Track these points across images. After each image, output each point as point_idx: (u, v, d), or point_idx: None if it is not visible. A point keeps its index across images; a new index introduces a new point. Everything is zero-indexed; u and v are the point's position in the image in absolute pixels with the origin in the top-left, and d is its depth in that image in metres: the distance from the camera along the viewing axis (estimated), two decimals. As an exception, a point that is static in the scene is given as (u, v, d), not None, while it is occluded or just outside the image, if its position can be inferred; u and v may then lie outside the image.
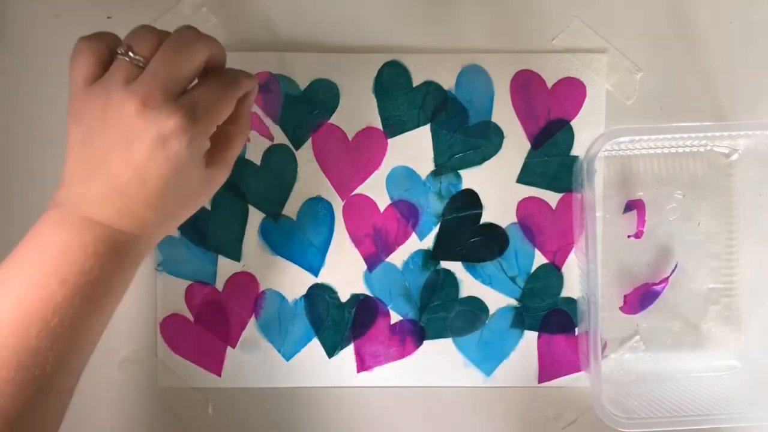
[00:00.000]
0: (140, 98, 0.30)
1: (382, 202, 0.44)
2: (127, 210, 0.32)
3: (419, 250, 0.44)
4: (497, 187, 0.44)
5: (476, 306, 0.44)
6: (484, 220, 0.45)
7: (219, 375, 0.44)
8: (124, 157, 0.31)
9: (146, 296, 0.44)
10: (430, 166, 0.44)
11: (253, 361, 0.44)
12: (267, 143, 0.44)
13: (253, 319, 0.44)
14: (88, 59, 0.32)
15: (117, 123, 0.30)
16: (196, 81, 0.33)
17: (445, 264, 0.45)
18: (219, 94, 0.33)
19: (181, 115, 0.30)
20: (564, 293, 0.45)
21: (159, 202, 0.32)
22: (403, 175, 0.44)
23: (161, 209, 0.33)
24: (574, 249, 0.45)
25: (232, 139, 0.35)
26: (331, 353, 0.44)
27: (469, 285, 0.44)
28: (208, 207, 0.44)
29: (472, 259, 0.44)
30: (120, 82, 0.31)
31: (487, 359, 0.44)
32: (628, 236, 0.45)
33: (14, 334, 0.29)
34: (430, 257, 0.44)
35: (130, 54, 0.31)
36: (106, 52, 0.32)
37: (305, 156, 0.44)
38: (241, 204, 0.44)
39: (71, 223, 0.32)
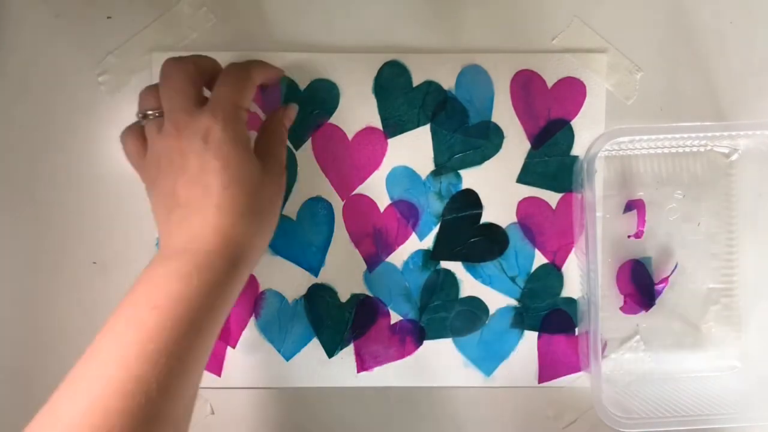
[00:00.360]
0: (173, 131, 0.35)
1: (382, 202, 0.44)
2: (203, 228, 0.34)
3: (419, 250, 0.44)
4: (497, 187, 0.44)
5: (476, 306, 0.44)
6: (484, 220, 0.45)
7: (219, 375, 0.44)
8: (185, 181, 0.34)
9: (146, 296, 0.44)
10: (430, 166, 0.44)
11: (253, 361, 0.44)
12: (267, 143, 0.44)
13: (253, 319, 0.44)
14: (133, 141, 0.38)
15: (170, 162, 0.35)
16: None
17: (445, 264, 0.45)
18: (233, 85, 0.37)
19: (206, 115, 0.34)
20: (564, 293, 0.45)
21: (226, 197, 0.34)
22: (403, 175, 0.44)
23: (231, 206, 0.34)
24: (574, 249, 0.45)
25: (273, 132, 0.40)
26: (331, 353, 0.44)
27: (469, 285, 0.44)
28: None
29: (472, 259, 0.44)
30: (154, 134, 0.36)
31: (487, 359, 0.44)
32: (628, 236, 0.45)
33: (114, 362, 0.30)
34: (430, 257, 0.44)
35: (148, 113, 0.37)
36: (139, 129, 0.38)
37: (305, 156, 0.44)
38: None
39: (162, 257, 0.34)
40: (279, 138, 0.40)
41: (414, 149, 0.44)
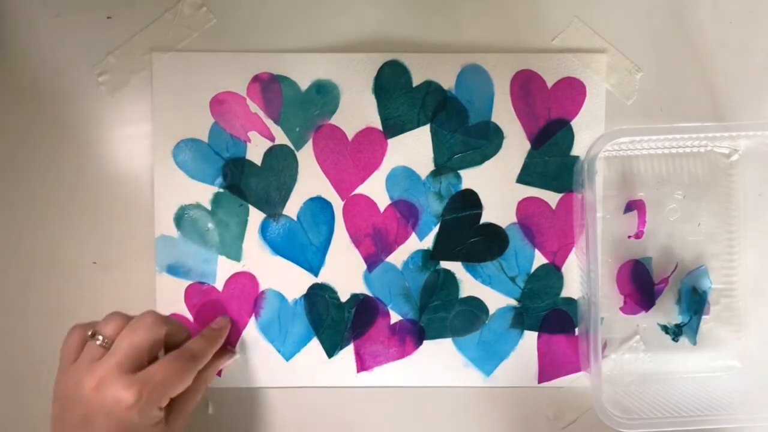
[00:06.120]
0: (98, 376, 0.34)
1: (382, 202, 0.44)
2: None
3: (419, 250, 0.44)
4: (497, 187, 0.44)
5: (476, 306, 0.44)
6: (484, 220, 0.45)
7: (219, 375, 0.44)
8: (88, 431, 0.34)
9: (146, 296, 0.44)
10: (430, 166, 0.44)
11: (253, 361, 0.44)
12: (268, 144, 0.44)
13: (253, 319, 0.44)
14: (74, 342, 0.37)
15: (79, 401, 0.34)
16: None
17: (445, 264, 0.45)
18: (175, 371, 0.36)
19: (133, 391, 0.34)
20: (564, 293, 0.45)
21: None
22: (403, 175, 0.44)
23: None
24: (574, 249, 0.45)
25: (191, 393, 0.39)
26: (331, 353, 0.44)
27: (469, 285, 0.44)
28: (209, 208, 0.44)
29: (472, 259, 0.44)
30: (86, 362, 0.35)
31: (487, 359, 0.44)
32: (629, 236, 0.45)
33: None
34: (430, 257, 0.44)
35: (98, 337, 0.36)
36: (89, 337, 0.37)
37: (306, 156, 0.44)
38: (242, 204, 0.44)
39: None
40: (196, 396, 0.40)
41: (414, 149, 0.44)
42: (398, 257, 0.44)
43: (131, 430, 0.34)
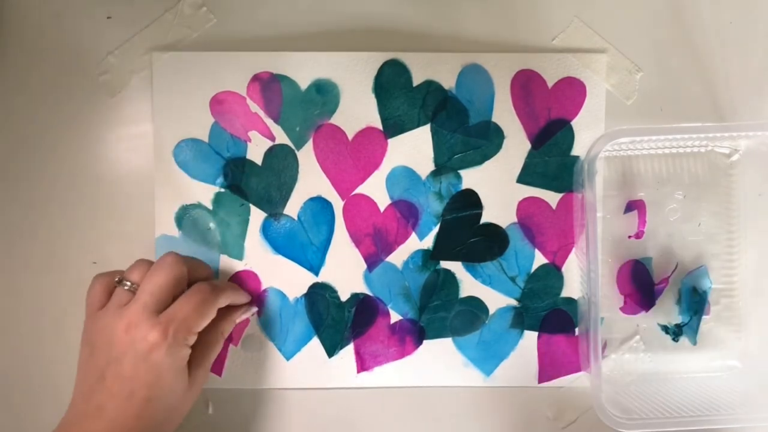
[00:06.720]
0: (127, 319, 0.36)
1: (382, 202, 0.44)
2: (117, 423, 0.35)
3: (419, 250, 0.44)
4: (497, 187, 0.44)
5: (476, 306, 0.44)
6: (484, 220, 0.45)
7: (220, 375, 0.44)
8: (116, 372, 0.35)
9: (146, 296, 0.44)
10: (430, 166, 0.44)
11: (255, 359, 0.44)
12: (268, 143, 0.44)
13: (255, 317, 0.44)
14: (98, 290, 0.38)
15: (110, 342, 0.36)
16: None
17: (445, 264, 0.45)
18: (196, 304, 0.37)
19: (159, 331, 0.35)
20: (564, 293, 0.45)
21: (147, 409, 0.36)
22: (403, 175, 0.44)
23: (149, 418, 0.36)
24: (574, 249, 0.45)
25: (211, 345, 0.40)
26: (331, 353, 0.44)
27: (469, 285, 0.44)
28: (210, 207, 0.44)
29: (472, 259, 0.45)
30: (115, 306, 0.37)
31: (487, 359, 0.45)
32: (629, 236, 0.45)
33: None
34: (430, 257, 0.44)
35: (126, 282, 0.37)
36: (113, 284, 0.38)
37: (306, 156, 0.44)
38: (243, 203, 0.44)
39: None
40: (216, 347, 0.41)
41: (414, 149, 0.44)
42: (398, 257, 0.45)
43: (159, 371, 0.36)
